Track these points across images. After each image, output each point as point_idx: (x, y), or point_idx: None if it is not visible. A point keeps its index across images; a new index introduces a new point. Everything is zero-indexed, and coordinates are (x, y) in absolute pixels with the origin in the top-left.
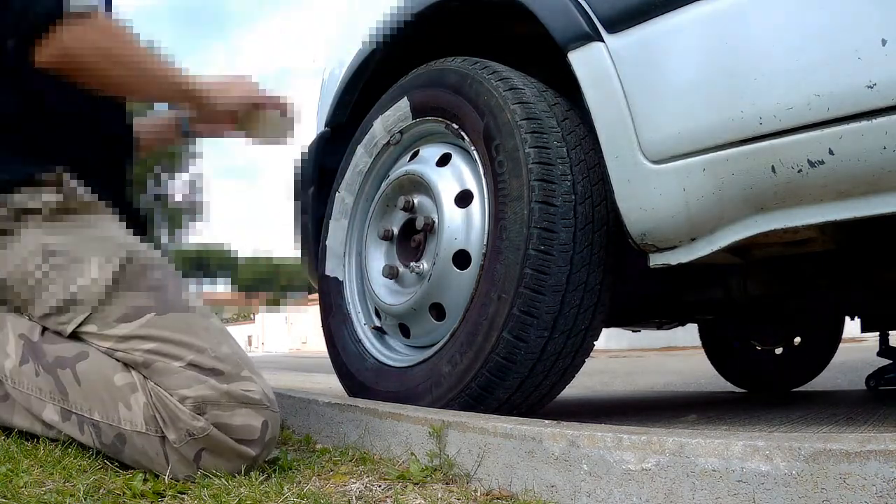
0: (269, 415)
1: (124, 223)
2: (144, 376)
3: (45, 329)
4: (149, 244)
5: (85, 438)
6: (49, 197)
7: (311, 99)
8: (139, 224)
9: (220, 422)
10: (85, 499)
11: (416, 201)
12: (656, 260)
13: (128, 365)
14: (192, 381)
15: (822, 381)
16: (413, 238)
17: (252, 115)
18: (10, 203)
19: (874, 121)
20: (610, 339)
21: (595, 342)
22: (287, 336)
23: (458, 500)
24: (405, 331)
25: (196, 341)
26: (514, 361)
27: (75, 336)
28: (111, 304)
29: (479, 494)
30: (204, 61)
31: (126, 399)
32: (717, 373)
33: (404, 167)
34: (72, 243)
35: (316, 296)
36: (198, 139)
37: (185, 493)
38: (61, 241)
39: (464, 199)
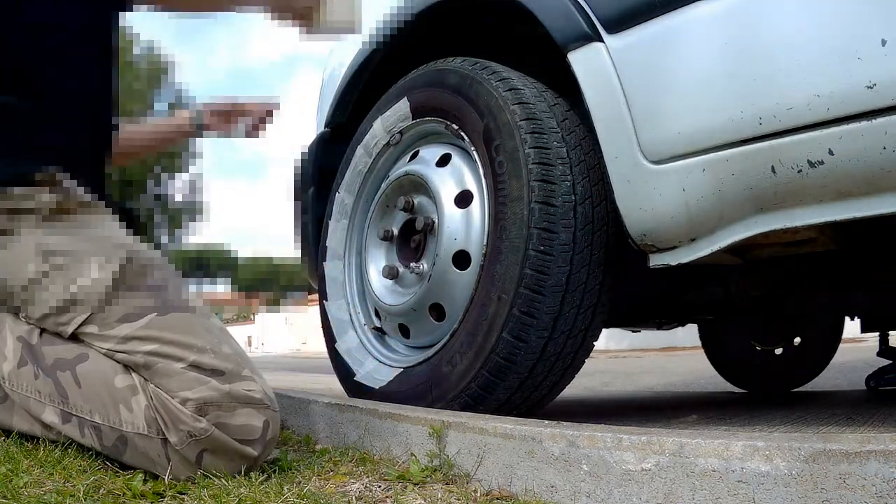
0: (269, 414)
1: (122, 222)
2: (145, 378)
3: (43, 331)
4: (148, 244)
5: (86, 441)
6: (45, 197)
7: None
8: (131, 221)
9: (221, 422)
10: (85, 499)
11: (415, 202)
12: (656, 260)
13: (128, 367)
14: (194, 382)
15: (822, 381)
16: (413, 238)
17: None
18: (5, 202)
19: (874, 121)
20: (610, 339)
21: (595, 342)
22: (287, 336)
23: (458, 500)
24: (405, 331)
25: (197, 342)
26: (513, 362)
27: (75, 337)
28: (112, 304)
29: (478, 495)
30: (208, 49)
31: (127, 401)
32: (717, 373)
33: (404, 167)
34: (71, 243)
35: (316, 296)
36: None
37: (185, 494)
38: (60, 241)
39: (464, 199)
